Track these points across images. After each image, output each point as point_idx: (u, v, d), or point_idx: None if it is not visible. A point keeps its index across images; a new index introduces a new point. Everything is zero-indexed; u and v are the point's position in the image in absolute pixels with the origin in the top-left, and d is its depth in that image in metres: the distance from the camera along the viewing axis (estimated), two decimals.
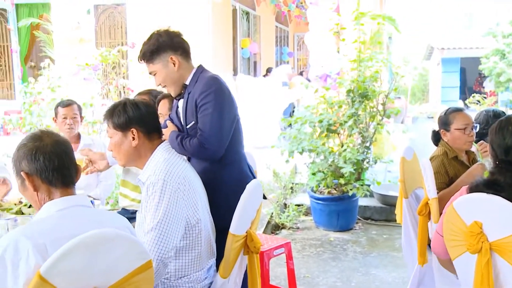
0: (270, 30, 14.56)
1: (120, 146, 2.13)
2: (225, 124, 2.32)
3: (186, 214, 2.04)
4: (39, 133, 1.66)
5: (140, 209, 2.10)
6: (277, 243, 3.24)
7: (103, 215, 1.73)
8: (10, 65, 12.01)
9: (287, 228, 5.13)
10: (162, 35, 2.38)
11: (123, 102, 2.14)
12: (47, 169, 1.59)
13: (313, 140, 5.09)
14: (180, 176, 2.06)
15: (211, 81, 2.34)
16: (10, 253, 1.40)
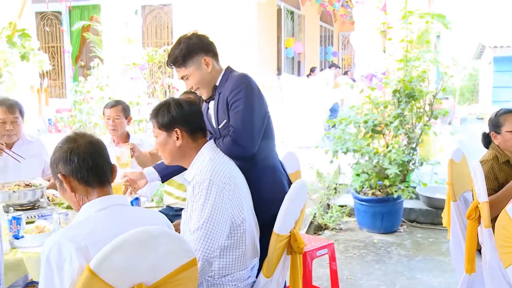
0: (315, 30, 14.47)
1: (165, 146, 2.15)
2: (256, 120, 2.32)
3: (231, 213, 2.05)
4: (73, 135, 1.70)
5: (186, 208, 2.11)
6: (320, 243, 3.21)
7: (142, 213, 1.74)
8: (62, 65, 12.46)
9: (330, 229, 5.09)
10: (192, 38, 2.38)
11: (167, 102, 2.15)
12: (81, 169, 1.63)
13: (358, 140, 5.02)
14: (226, 176, 2.06)
15: (241, 78, 2.35)
16: (54, 256, 1.44)
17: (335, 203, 5.42)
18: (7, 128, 3.23)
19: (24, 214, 2.55)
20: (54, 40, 12.41)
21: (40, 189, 2.76)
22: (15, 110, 3.24)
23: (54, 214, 2.53)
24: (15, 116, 3.24)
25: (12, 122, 3.24)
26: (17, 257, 2.20)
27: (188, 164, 2.16)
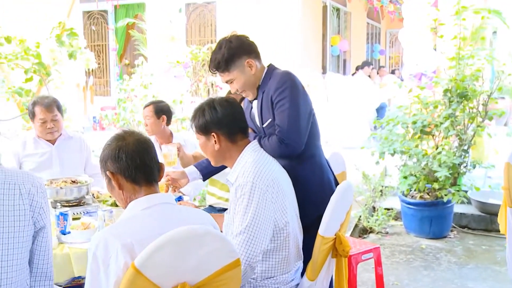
0: (361, 27, 14.29)
1: (205, 148, 2.17)
2: (302, 118, 2.31)
3: (274, 217, 2.03)
4: (122, 133, 1.73)
5: (228, 210, 2.12)
6: (365, 247, 3.17)
7: (188, 212, 1.77)
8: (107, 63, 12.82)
9: (375, 232, 5.01)
10: (233, 41, 2.36)
11: (202, 106, 2.14)
12: (129, 168, 1.66)
13: (406, 141, 4.92)
14: (269, 178, 2.04)
15: (285, 76, 2.34)
16: (100, 252, 1.48)
17: (381, 206, 5.32)
18: (49, 127, 3.34)
19: (71, 210, 2.63)
20: (99, 38, 12.79)
21: (85, 186, 2.85)
22: (53, 108, 3.35)
23: (99, 211, 2.60)
24: (54, 114, 3.35)
25: (52, 120, 3.35)
26: (64, 252, 2.28)
27: (231, 164, 2.16)
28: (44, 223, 1.83)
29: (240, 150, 2.14)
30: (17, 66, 4.88)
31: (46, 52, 4.91)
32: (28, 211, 1.76)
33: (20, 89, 4.93)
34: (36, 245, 1.83)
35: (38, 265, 1.85)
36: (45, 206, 1.84)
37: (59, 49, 4.97)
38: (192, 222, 1.63)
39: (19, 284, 1.74)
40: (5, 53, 4.76)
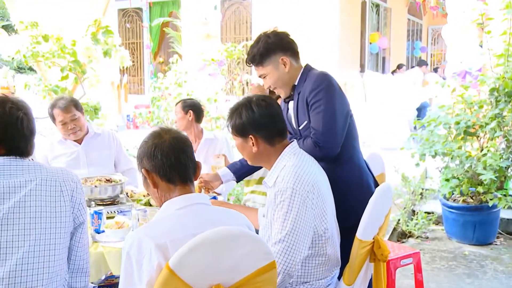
0: (402, 23, 14.05)
1: (242, 150, 2.15)
2: (338, 121, 2.29)
3: (314, 223, 2.00)
4: (159, 130, 1.75)
5: (265, 214, 2.10)
6: (404, 252, 3.12)
7: (222, 212, 1.77)
8: (141, 61, 13.03)
9: (414, 236, 4.92)
10: (271, 37, 2.39)
11: (240, 105, 2.10)
12: (164, 166, 1.67)
13: (448, 143, 4.81)
14: (310, 184, 1.99)
15: (321, 77, 2.33)
16: (134, 252, 1.50)
17: (420, 209, 5.23)
18: (70, 127, 3.38)
19: (105, 209, 2.69)
20: (134, 36, 13.01)
21: (120, 185, 2.90)
22: (70, 109, 3.36)
23: (133, 210, 2.64)
24: (72, 114, 3.37)
25: (71, 120, 3.37)
26: (98, 251, 2.33)
27: (269, 167, 2.13)
28: (83, 219, 1.90)
29: (278, 153, 2.10)
30: (53, 64, 5.02)
31: (81, 50, 5.02)
32: (69, 207, 1.82)
33: (56, 87, 5.06)
34: (74, 241, 1.89)
35: (76, 261, 1.91)
36: (84, 202, 1.90)
37: (94, 47, 5.07)
38: (226, 223, 1.63)
39: (58, 279, 1.79)
40: (43, 52, 4.90)
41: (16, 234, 1.70)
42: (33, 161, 1.86)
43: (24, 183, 1.75)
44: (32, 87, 5.35)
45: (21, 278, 1.68)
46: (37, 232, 1.72)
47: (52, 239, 1.76)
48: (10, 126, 1.77)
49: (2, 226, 1.68)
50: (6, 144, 1.78)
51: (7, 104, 1.78)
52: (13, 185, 1.73)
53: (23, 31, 4.99)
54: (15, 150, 1.79)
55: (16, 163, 1.78)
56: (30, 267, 1.70)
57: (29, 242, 1.71)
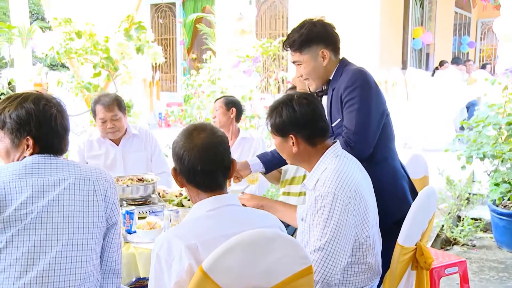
0: (448, 17, 13.77)
1: (282, 150, 2.13)
2: (372, 120, 2.26)
3: (355, 231, 1.98)
4: (192, 129, 1.74)
5: (304, 217, 2.09)
6: (449, 260, 3.06)
7: (253, 213, 1.78)
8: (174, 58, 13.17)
9: (460, 244, 4.82)
10: (317, 25, 2.37)
11: (280, 103, 2.08)
12: (190, 173, 1.69)
13: (498, 144, 4.69)
14: (352, 189, 1.96)
15: (357, 74, 2.30)
16: (164, 253, 1.53)
17: (467, 215, 5.12)
18: (109, 126, 3.41)
19: (137, 209, 2.73)
20: (167, 32, 13.17)
21: (152, 185, 2.93)
22: (113, 107, 3.39)
23: (165, 210, 2.68)
24: (114, 113, 3.40)
25: (111, 119, 3.41)
26: (129, 252, 2.37)
27: (309, 168, 2.10)
28: (116, 219, 1.94)
29: (319, 154, 2.07)
30: (86, 61, 5.13)
31: (114, 46, 5.12)
32: (102, 207, 1.86)
33: (89, 84, 5.18)
34: (107, 241, 1.93)
35: (108, 262, 1.95)
36: (117, 202, 1.94)
37: (127, 43, 5.17)
38: (258, 224, 1.65)
39: (91, 280, 1.84)
40: (76, 48, 5.01)
41: (50, 233, 1.74)
42: (67, 160, 1.90)
43: (58, 182, 1.79)
44: (64, 84, 5.49)
45: (54, 278, 1.72)
46: (70, 231, 1.77)
47: (85, 239, 1.80)
48: (44, 124, 1.80)
49: (36, 224, 1.73)
50: (40, 142, 1.82)
51: (41, 101, 1.82)
52: (47, 184, 1.77)
53: (56, 28, 5.12)
54: (49, 148, 1.83)
55: (50, 161, 1.82)
56: (63, 266, 1.74)
57: (62, 242, 1.75)
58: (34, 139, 1.81)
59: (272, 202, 2.46)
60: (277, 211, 2.35)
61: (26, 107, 1.79)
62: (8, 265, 1.70)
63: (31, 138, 1.80)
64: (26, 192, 1.74)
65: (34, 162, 1.80)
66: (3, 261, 1.70)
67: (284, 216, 2.36)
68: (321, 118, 2.08)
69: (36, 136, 1.81)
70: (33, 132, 1.80)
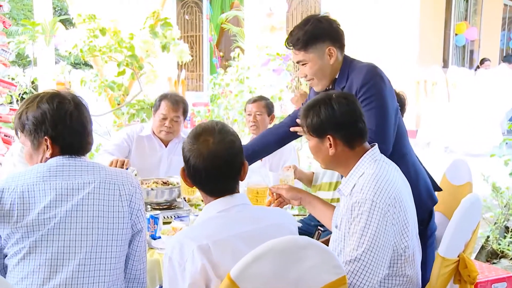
0: (496, 10, 13.48)
1: (317, 152, 2.10)
2: (390, 118, 2.28)
3: (394, 241, 1.95)
4: (199, 131, 1.75)
5: (338, 224, 2.08)
6: (496, 274, 3.00)
7: (266, 210, 1.82)
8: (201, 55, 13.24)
9: (508, 257, 4.72)
10: (323, 21, 2.35)
11: (318, 102, 2.06)
12: (195, 178, 1.74)
13: None
14: (391, 196, 1.94)
15: (372, 70, 2.30)
16: (176, 255, 1.56)
17: None
18: (166, 125, 3.46)
19: (161, 213, 2.75)
20: (193, 29, 13.26)
21: (177, 188, 2.95)
22: (178, 108, 3.45)
23: (191, 215, 2.70)
24: (176, 114, 3.46)
25: (172, 120, 3.47)
26: (153, 258, 2.38)
27: (345, 172, 2.08)
28: (142, 226, 1.94)
29: (357, 157, 2.05)
30: (110, 59, 5.21)
31: (139, 43, 5.19)
32: (127, 213, 1.87)
33: (113, 83, 5.26)
34: (131, 249, 1.94)
35: (132, 270, 1.97)
36: (142, 208, 1.95)
37: (152, 40, 5.23)
38: (272, 220, 1.70)
39: None
40: (100, 46, 5.10)
41: (73, 239, 1.76)
42: (92, 162, 1.91)
43: (82, 185, 1.81)
44: (87, 83, 5.58)
45: (78, 286, 1.74)
46: (93, 238, 1.78)
47: (109, 246, 1.81)
48: (59, 122, 1.82)
49: (60, 230, 1.75)
50: (58, 141, 1.83)
51: (55, 99, 1.84)
52: (71, 187, 1.79)
53: (80, 25, 5.21)
54: (68, 147, 1.84)
55: (75, 163, 1.84)
56: (87, 274, 1.76)
57: (86, 249, 1.76)
58: (52, 139, 1.83)
59: (311, 197, 2.40)
60: (314, 208, 2.35)
61: (42, 107, 1.82)
62: (31, 272, 1.72)
63: (48, 138, 1.82)
64: (50, 195, 1.76)
65: (58, 164, 1.82)
66: (26, 267, 1.73)
67: (321, 216, 2.34)
68: (361, 119, 2.07)
69: (53, 136, 1.82)
70: (49, 132, 1.82)
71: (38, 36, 5.89)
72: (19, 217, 1.74)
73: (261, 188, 2.75)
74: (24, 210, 1.74)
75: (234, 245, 1.60)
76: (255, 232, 1.66)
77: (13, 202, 1.74)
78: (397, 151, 2.32)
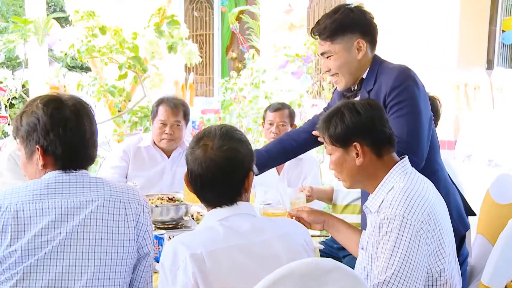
0: None
1: (341, 165, 2.10)
2: (423, 127, 2.29)
3: (428, 263, 1.95)
4: (201, 135, 1.80)
5: (364, 246, 2.08)
6: None
7: (269, 221, 1.86)
8: (211, 57, 13.26)
9: None
10: (355, 11, 2.39)
11: (340, 108, 2.08)
12: (196, 186, 1.80)
13: None
14: (425, 212, 1.94)
15: (404, 73, 2.32)
16: (168, 261, 1.63)
17: None
18: (167, 132, 3.51)
19: (167, 233, 2.76)
20: (202, 27, 13.30)
21: (184, 205, 2.96)
22: (178, 112, 3.51)
23: None
24: (176, 119, 3.51)
25: (173, 125, 3.51)
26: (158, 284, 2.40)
27: (372, 187, 2.09)
28: (149, 249, 1.94)
29: (386, 169, 2.06)
30: (110, 61, 5.25)
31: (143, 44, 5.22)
32: (133, 234, 1.86)
33: (113, 87, 5.30)
34: (136, 275, 1.94)
35: None
36: (150, 230, 1.95)
37: (158, 40, 5.25)
38: (281, 229, 1.76)
39: None
40: (99, 46, 5.14)
41: (73, 264, 1.75)
42: (96, 177, 1.90)
43: (84, 204, 1.80)
44: (85, 87, 5.61)
45: None
46: (96, 263, 1.77)
47: (112, 272, 1.80)
48: (51, 131, 1.80)
49: (58, 254, 1.74)
50: (49, 152, 1.81)
51: (51, 104, 1.82)
52: (72, 206, 1.78)
53: (77, 22, 5.26)
54: (62, 160, 1.83)
55: (76, 179, 1.83)
56: None
57: (87, 275, 1.75)
58: (43, 148, 1.81)
59: (334, 220, 2.42)
60: (338, 232, 2.36)
61: (36, 112, 1.81)
62: None
63: (40, 147, 1.81)
64: (48, 215, 1.75)
65: (57, 180, 1.81)
66: None
67: (346, 240, 2.35)
68: (388, 125, 2.09)
69: (44, 145, 1.81)
70: (41, 141, 1.80)
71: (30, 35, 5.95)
72: (13, 239, 1.72)
73: (280, 213, 2.74)
74: (19, 231, 1.73)
75: (232, 257, 1.64)
76: (258, 244, 1.70)
77: (6, 222, 1.73)
78: (428, 167, 2.32)
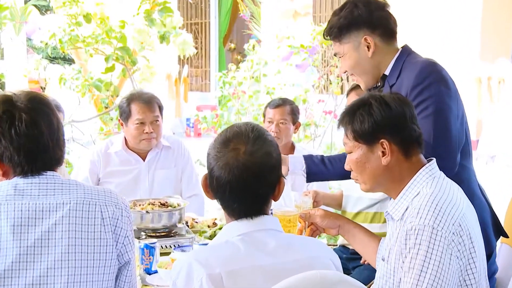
0: None
1: (364, 165, 2.06)
2: (452, 127, 2.28)
3: (459, 278, 1.93)
4: (230, 137, 1.75)
5: (386, 257, 2.07)
6: None
7: (296, 240, 1.83)
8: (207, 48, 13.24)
9: None
10: (359, 5, 2.39)
11: (367, 101, 2.04)
12: (218, 193, 1.75)
13: None
14: (456, 222, 1.91)
15: (428, 67, 2.32)
16: (181, 281, 1.61)
17: None
18: (147, 131, 3.45)
19: (159, 242, 2.77)
20: (198, 15, 13.28)
21: (178, 211, 2.97)
22: (154, 107, 3.48)
23: (194, 245, 2.72)
24: (155, 115, 3.47)
25: (152, 122, 3.46)
26: None
27: (395, 192, 2.07)
28: (129, 257, 1.92)
29: (413, 171, 2.04)
30: (96, 52, 5.24)
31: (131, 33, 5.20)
32: (112, 240, 1.85)
33: (99, 81, 5.28)
34: (117, 286, 1.92)
35: None
36: (131, 235, 1.93)
37: (148, 29, 5.24)
38: (307, 252, 1.72)
39: None
40: (83, 36, 5.13)
41: (44, 274, 1.72)
42: (67, 179, 1.88)
43: (54, 207, 1.77)
44: (68, 81, 5.59)
45: None
46: (70, 272, 1.75)
47: (89, 282, 1.78)
48: (3, 136, 1.75)
49: (26, 264, 1.71)
50: (3, 160, 1.79)
51: (4, 104, 1.77)
52: (40, 209, 1.76)
53: (59, 9, 5.24)
54: (26, 167, 1.79)
55: (46, 180, 1.81)
56: None
57: (60, 285, 1.73)
58: (1, 158, 1.78)
59: (351, 225, 2.38)
60: (354, 239, 2.34)
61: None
62: None
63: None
64: (14, 219, 1.72)
65: (25, 181, 1.79)
66: None
67: (363, 248, 2.35)
68: (417, 123, 2.07)
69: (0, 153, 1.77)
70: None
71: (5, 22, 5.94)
72: None
73: (294, 216, 2.70)
74: None
75: (251, 279, 1.62)
76: (281, 265, 1.66)
77: None
78: (457, 175, 2.28)
